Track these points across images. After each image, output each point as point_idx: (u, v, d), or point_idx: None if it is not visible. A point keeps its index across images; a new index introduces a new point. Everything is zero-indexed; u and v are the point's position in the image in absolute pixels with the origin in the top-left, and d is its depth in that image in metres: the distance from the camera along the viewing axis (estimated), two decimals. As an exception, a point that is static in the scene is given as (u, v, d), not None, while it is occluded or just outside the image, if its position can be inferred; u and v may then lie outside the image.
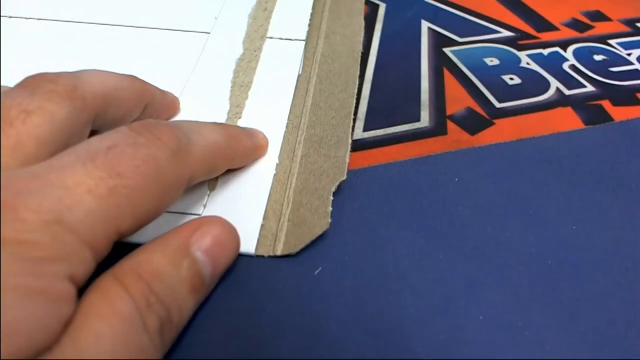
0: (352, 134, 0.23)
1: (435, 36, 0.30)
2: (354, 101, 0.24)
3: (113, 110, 0.18)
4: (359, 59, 0.27)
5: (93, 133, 0.17)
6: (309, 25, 0.28)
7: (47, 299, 0.11)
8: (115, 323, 0.13)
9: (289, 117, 0.23)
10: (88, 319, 0.12)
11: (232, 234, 0.17)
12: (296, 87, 0.24)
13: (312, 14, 0.29)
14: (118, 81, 0.18)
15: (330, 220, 0.18)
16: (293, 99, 0.24)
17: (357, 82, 0.25)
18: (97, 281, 0.13)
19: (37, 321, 0.11)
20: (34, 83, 0.16)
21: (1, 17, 0.27)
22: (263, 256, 0.18)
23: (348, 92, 0.25)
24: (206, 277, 0.15)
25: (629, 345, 0.16)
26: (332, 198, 0.19)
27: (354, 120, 0.24)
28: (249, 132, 0.20)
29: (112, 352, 0.12)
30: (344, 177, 0.20)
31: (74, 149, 0.14)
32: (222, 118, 0.22)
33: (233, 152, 0.19)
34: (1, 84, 0.17)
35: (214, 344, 0.16)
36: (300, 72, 0.25)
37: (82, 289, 0.13)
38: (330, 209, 0.19)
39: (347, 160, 0.21)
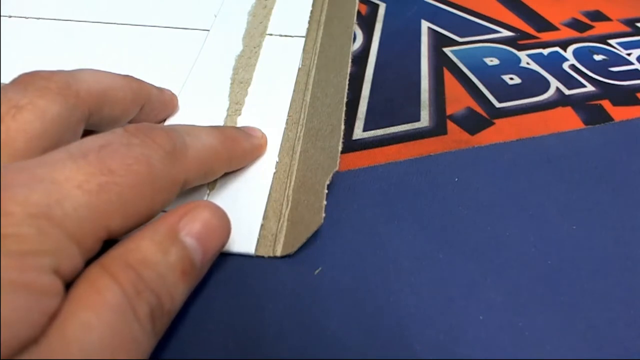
0: (345, 121, 0.23)
1: (435, 36, 0.30)
2: (347, 82, 0.24)
3: (109, 109, 0.18)
4: (352, 34, 0.27)
5: (89, 133, 0.17)
6: (309, 19, 0.28)
7: (31, 293, 0.11)
8: (104, 313, 0.12)
9: (288, 113, 0.23)
10: (75, 309, 0.12)
11: (222, 218, 0.16)
12: (296, 82, 0.24)
13: (312, 9, 0.29)
14: (114, 80, 0.18)
15: (324, 215, 0.18)
16: (293, 94, 0.24)
17: (350, 60, 0.25)
18: (85, 272, 0.13)
19: (22, 315, 0.11)
20: (27, 80, 0.16)
21: (1, 17, 0.27)
22: (263, 256, 0.18)
23: (342, 74, 0.25)
24: (197, 262, 0.15)
25: (629, 345, 0.16)
26: (326, 192, 0.19)
27: (354, 120, 0.24)
28: (247, 133, 0.20)
29: (101, 341, 0.12)
30: (337, 167, 0.20)
31: (66, 147, 0.14)
32: (221, 115, 0.22)
33: (230, 155, 0.19)
34: (1, 83, 0.17)
35: (214, 344, 0.16)
36: (300, 66, 0.25)
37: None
38: (325, 203, 0.19)
39: (340, 148, 0.21)
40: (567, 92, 0.26)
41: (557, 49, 0.29)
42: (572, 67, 0.28)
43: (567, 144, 0.23)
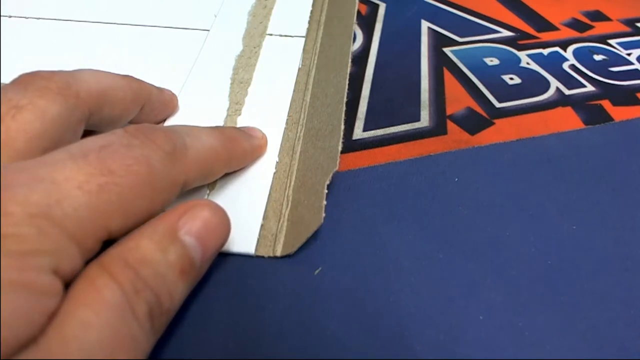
0: (345, 121, 0.23)
1: (435, 36, 0.30)
2: (347, 81, 0.24)
3: (109, 109, 0.18)
4: (352, 34, 0.27)
5: (89, 133, 0.17)
6: (309, 19, 0.28)
7: (31, 293, 0.11)
8: (103, 311, 0.12)
9: (288, 113, 0.23)
10: (74, 308, 0.12)
11: (221, 217, 0.16)
12: (296, 82, 0.24)
13: (312, 9, 0.29)
14: (114, 80, 0.18)
15: (324, 215, 0.18)
16: (293, 94, 0.24)
17: (350, 60, 0.25)
18: (84, 271, 0.13)
19: (21, 314, 0.11)
20: (27, 80, 0.16)
21: (1, 17, 0.27)
22: (263, 256, 0.18)
23: (342, 74, 0.25)
24: (196, 261, 0.15)
25: (629, 345, 0.16)
26: (326, 192, 0.19)
27: (354, 120, 0.24)
28: (247, 134, 0.20)
29: (100, 340, 0.12)
30: (337, 167, 0.20)
31: (66, 147, 0.14)
32: (221, 115, 0.22)
33: (230, 156, 0.19)
34: (1, 83, 0.17)
35: (214, 344, 0.16)
36: (300, 66, 0.25)
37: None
38: (325, 203, 0.19)
39: (340, 148, 0.21)
40: (567, 92, 0.26)
41: (557, 49, 0.29)
42: (572, 67, 0.28)
43: (567, 144, 0.23)
